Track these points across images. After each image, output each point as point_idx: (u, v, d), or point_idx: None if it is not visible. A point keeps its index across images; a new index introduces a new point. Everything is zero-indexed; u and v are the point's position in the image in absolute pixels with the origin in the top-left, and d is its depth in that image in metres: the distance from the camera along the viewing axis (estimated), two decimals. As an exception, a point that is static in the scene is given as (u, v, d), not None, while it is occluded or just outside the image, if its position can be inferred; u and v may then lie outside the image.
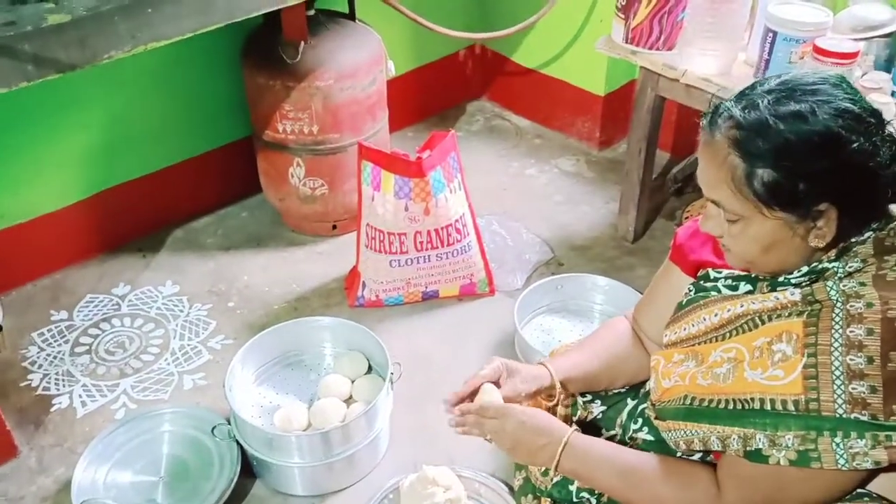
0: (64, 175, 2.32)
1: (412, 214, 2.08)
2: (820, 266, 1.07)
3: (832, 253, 1.07)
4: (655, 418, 1.23)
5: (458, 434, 1.33)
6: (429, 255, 2.16)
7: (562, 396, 1.41)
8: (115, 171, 2.43)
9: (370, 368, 1.95)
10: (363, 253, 2.20)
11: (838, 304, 1.01)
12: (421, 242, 2.13)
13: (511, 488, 1.64)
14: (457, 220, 2.13)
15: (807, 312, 1.03)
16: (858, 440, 0.94)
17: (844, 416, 0.96)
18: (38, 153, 2.24)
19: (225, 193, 2.71)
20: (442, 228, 2.12)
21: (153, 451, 1.80)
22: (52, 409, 1.98)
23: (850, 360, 0.97)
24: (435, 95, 3.16)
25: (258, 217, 2.68)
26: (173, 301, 2.34)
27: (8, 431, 1.83)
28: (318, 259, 2.49)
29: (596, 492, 1.33)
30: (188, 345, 2.18)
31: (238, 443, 1.73)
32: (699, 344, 1.20)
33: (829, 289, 1.03)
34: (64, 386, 2.05)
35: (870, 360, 0.96)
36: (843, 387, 0.96)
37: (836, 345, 0.98)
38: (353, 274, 2.27)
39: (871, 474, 1.04)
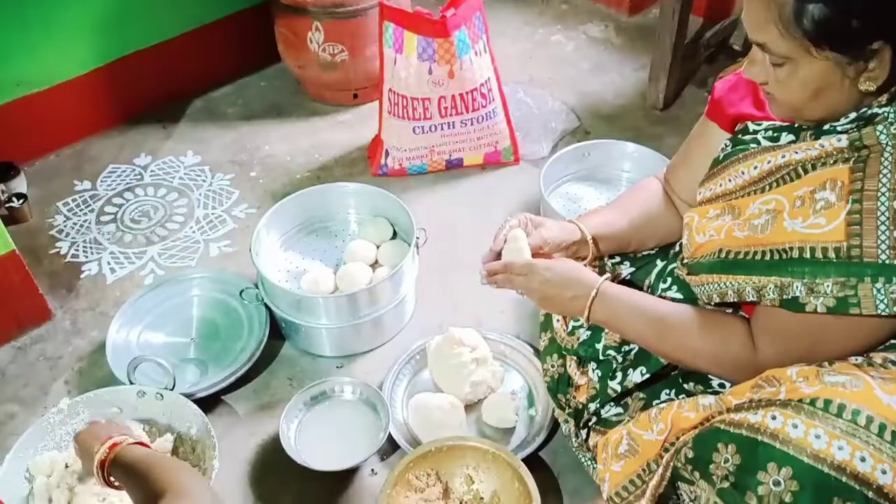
0: (81, 41, 2.26)
1: (436, 78, 2.02)
2: (870, 111, 1.02)
3: (884, 97, 1.02)
4: (687, 274, 1.22)
5: (491, 288, 1.34)
6: (453, 122, 2.11)
7: (590, 257, 1.40)
8: (132, 38, 2.36)
9: (395, 234, 1.94)
10: (386, 120, 2.15)
11: (888, 149, 0.97)
12: (445, 108, 2.08)
13: (536, 350, 1.66)
14: (482, 85, 2.07)
15: (854, 159, 0.99)
16: (900, 285, 0.92)
17: (888, 261, 0.93)
18: (55, 18, 2.17)
19: (243, 62, 2.64)
20: (467, 93, 2.06)
21: (183, 314, 1.83)
22: (83, 276, 2.01)
23: (898, 205, 0.93)
24: (457, -42, 3.01)
25: (278, 86, 2.62)
26: (195, 171, 2.32)
27: (41, 295, 1.86)
28: (340, 128, 2.45)
29: (622, 349, 1.33)
30: (212, 213, 2.18)
31: (266, 306, 1.75)
32: (737, 198, 1.17)
33: (878, 133, 0.98)
34: (92, 253, 2.07)
35: (918, 206, 0.92)
36: (887, 232, 0.94)
37: (883, 190, 0.95)
38: (376, 142, 2.23)
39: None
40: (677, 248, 1.37)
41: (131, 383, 1.60)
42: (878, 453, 0.89)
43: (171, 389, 1.58)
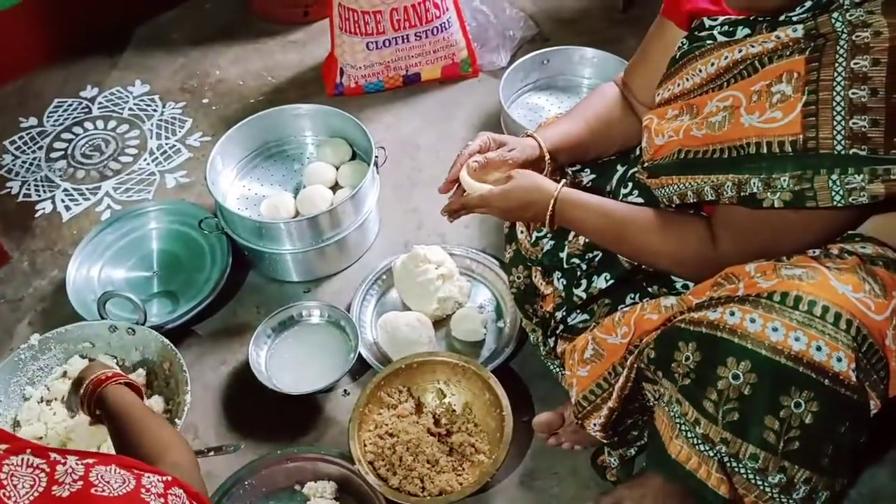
0: (7, -32, 2.14)
1: (386, -11, 1.95)
2: (825, -1, 1.00)
3: (840, -16, 0.99)
4: (648, 177, 1.21)
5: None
6: (407, 35, 2.04)
7: (550, 169, 1.38)
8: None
9: (354, 155, 1.90)
10: (338, 37, 2.08)
11: (843, 36, 0.95)
12: (398, 21, 2.01)
13: (501, 262, 1.66)
14: (434, -6, 2.00)
15: (809, 49, 0.97)
16: (856, 175, 0.92)
17: (843, 152, 0.93)
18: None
19: (186, -17, 2.53)
20: (419, 4, 1.99)
21: (143, 248, 1.79)
22: (37, 215, 1.95)
23: (853, 94, 0.92)
24: None
25: (224, 7, 2.52)
26: (145, 101, 2.25)
27: (-6, 238, 1.81)
28: (292, 48, 2.37)
29: (586, 257, 1.33)
30: (166, 144, 2.12)
31: (228, 235, 1.72)
32: (695, 97, 1.15)
33: (834, 20, 0.96)
34: (45, 192, 2.01)
35: (873, 93, 0.91)
36: (843, 122, 0.93)
37: (838, 79, 0.93)
38: (330, 61, 2.17)
39: (864, 216, 1.04)
40: (637, 152, 1.36)
41: (102, 318, 1.58)
42: (834, 342, 0.91)
43: (143, 324, 1.56)
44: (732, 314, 0.95)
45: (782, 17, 1.05)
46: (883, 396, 0.97)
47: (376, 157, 1.73)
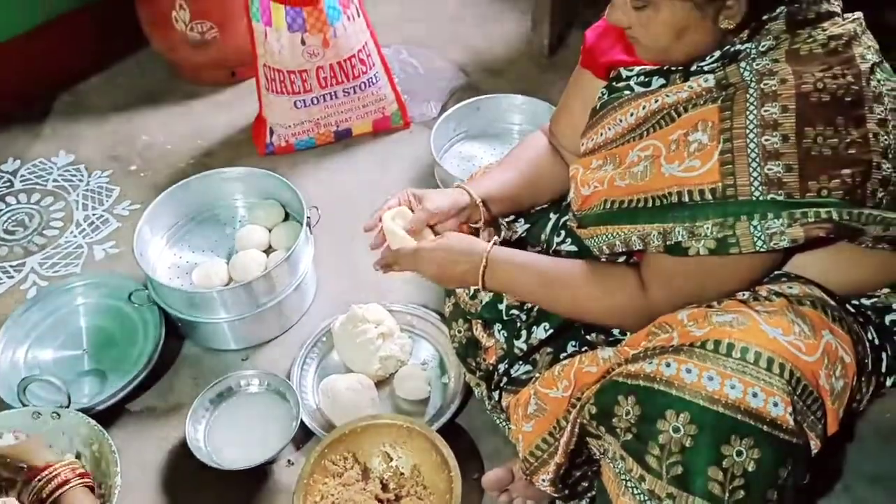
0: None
1: (310, 49, 1.94)
2: (733, 49, 1.03)
3: (744, 34, 1.02)
4: (577, 227, 1.21)
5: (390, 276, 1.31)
6: (335, 92, 2.04)
7: (486, 218, 1.37)
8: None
9: (287, 216, 1.88)
10: (265, 97, 2.06)
11: (752, 85, 0.97)
12: (324, 78, 2.00)
13: (442, 316, 1.64)
14: (359, 51, 2.00)
15: (721, 98, 1.00)
16: (775, 220, 0.93)
17: (761, 198, 0.94)
18: None
19: (110, 50, 2.50)
20: (345, 61, 1.99)
21: (72, 325, 1.72)
22: (-42, 298, 1.87)
23: (766, 140, 0.94)
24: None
25: (150, 71, 2.48)
26: (70, 171, 2.19)
27: (-89, 325, 1.72)
28: (221, 110, 2.34)
29: (525, 307, 1.32)
30: (93, 214, 2.06)
31: (159, 306, 1.67)
32: (617, 147, 1.16)
33: (742, 70, 0.99)
34: (-35, 272, 1.94)
35: (785, 139, 0.93)
36: (758, 169, 0.94)
37: (751, 126, 0.95)
38: (259, 121, 2.15)
39: (789, 255, 1.05)
40: (569, 200, 1.36)
41: (24, 405, 1.51)
42: (769, 387, 0.91)
43: (67, 407, 1.49)
44: (668, 365, 0.95)
45: (694, 67, 1.07)
46: (822, 436, 0.97)
47: (308, 217, 1.70)
